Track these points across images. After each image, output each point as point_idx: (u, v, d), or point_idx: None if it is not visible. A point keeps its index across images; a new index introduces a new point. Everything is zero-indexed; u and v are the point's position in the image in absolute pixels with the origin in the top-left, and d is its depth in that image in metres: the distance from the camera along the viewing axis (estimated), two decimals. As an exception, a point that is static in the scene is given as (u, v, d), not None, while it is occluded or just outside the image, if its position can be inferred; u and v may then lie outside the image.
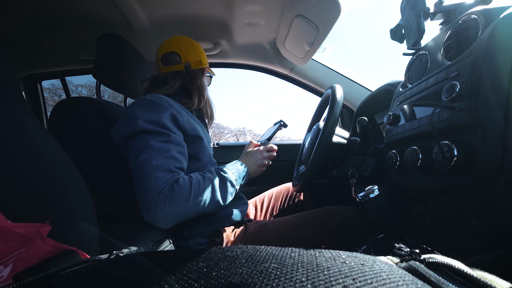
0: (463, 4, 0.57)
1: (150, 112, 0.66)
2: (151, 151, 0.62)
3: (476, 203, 0.42)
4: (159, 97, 0.71)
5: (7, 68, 0.34)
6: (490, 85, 0.40)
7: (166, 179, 0.61)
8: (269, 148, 0.84)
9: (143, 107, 0.67)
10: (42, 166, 0.33)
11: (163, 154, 0.63)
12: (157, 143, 0.63)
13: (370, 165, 0.76)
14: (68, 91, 1.61)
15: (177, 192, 0.60)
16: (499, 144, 0.38)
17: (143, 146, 0.63)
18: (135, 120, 0.65)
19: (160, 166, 0.61)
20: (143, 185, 0.61)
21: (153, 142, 0.63)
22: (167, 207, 0.59)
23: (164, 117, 0.67)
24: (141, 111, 0.66)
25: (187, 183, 0.62)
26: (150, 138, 0.64)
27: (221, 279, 0.14)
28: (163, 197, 0.59)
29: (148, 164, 0.61)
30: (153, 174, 0.60)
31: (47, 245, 0.22)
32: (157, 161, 0.61)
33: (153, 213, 0.58)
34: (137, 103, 0.70)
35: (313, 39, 1.04)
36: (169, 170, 0.62)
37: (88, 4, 0.96)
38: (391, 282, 0.13)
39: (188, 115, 0.76)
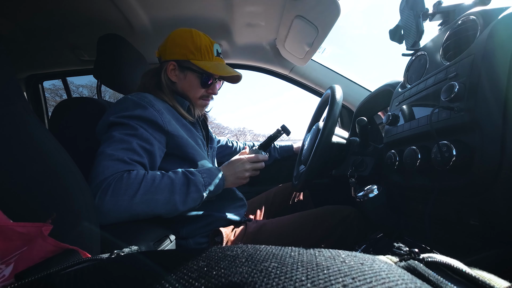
0: (461, 5, 0.57)
1: (125, 110, 0.63)
2: (111, 142, 0.58)
3: (474, 202, 0.43)
4: (141, 97, 0.67)
5: (8, 69, 0.34)
6: (489, 85, 0.40)
7: (115, 168, 0.55)
8: (254, 158, 0.76)
9: (121, 105, 0.65)
10: (43, 166, 0.33)
11: (122, 145, 0.58)
12: (120, 134, 0.59)
13: (369, 165, 0.76)
14: (69, 92, 1.61)
15: (124, 184, 0.53)
16: (497, 144, 0.38)
17: (107, 137, 0.60)
18: (108, 115, 0.63)
19: (114, 155, 0.56)
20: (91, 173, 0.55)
21: (116, 133, 0.60)
22: (108, 197, 0.52)
23: (139, 115, 0.63)
24: (118, 108, 0.64)
25: (139, 177, 0.56)
26: (115, 130, 0.61)
27: (222, 278, 0.14)
28: (106, 186, 0.52)
29: (103, 153, 0.56)
30: (102, 162, 0.55)
31: (49, 245, 0.22)
32: (112, 150, 0.57)
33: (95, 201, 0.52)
34: (118, 101, 0.67)
35: (313, 40, 1.04)
36: (122, 161, 0.57)
37: (89, 5, 0.96)
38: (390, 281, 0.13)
39: (171, 114, 0.71)
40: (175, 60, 0.75)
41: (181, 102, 0.77)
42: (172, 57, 0.75)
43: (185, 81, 0.77)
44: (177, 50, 0.74)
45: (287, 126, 0.88)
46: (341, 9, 0.87)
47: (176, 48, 0.74)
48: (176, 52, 0.74)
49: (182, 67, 0.75)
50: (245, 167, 0.75)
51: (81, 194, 0.37)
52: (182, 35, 0.75)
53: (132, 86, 0.91)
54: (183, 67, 0.75)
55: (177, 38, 0.75)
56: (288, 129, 0.88)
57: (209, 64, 0.75)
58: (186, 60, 0.74)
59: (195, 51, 0.74)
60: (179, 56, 0.74)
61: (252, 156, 0.77)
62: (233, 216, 0.79)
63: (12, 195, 0.29)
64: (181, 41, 0.74)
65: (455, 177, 0.44)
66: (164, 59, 0.76)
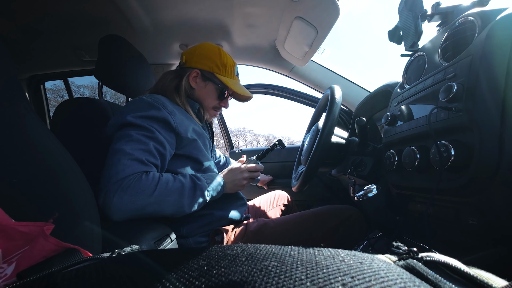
0: (460, 6, 0.58)
1: (140, 110, 0.66)
2: (129, 140, 0.61)
3: (473, 202, 0.43)
4: (154, 98, 0.70)
5: (10, 69, 0.34)
6: (487, 86, 0.40)
7: (134, 168, 0.58)
8: (252, 168, 0.81)
9: (135, 105, 0.68)
10: (45, 165, 0.33)
11: (140, 146, 0.61)
12: (137, 135, 0.62)
13: (369, 164, 0.76)
14: (70, 92, 1.62)
15: (142, 185, 0.57)
16: (495, 144, 0.38)
17: (123, 135, 0.62)
18: (125, 114, 0.65)
19: (133, 154, 0.59)
20: (109, 169, 0.58)
21: (133, 133, 0.62)
22: (127, 196, 0.55)
23: (153, 116, 0.66)
24: (132, 108, 0.67)
25: (155, 179, 0.60)
26: (133, 130, 0.63)
27: (222, 277, 0.15)
28: (126, 184, 0.55)
29: (121, 151, 0.59)
30: (122, 160, 0.58)
31: (50, 244, 0.22)
32: (131, 150, 0.59)
33: (110, 199, 0.54)
34: (132, 101, 0.71)
35: (312, 41, 1.04)
36: (140, 161, 0.60)
37: (90, 7, 0.96)
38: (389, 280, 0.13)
39: (183, 116, 0.74)
40: (200, 69, 0.81)
41: (192, 105, 0.81)
42: (197, 65, 0.81)
43: (204, 90, 0.83)
44: (204, 61, 0.80)
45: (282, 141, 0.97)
46: (340, 10, 0.88)
47: (203, 59, 0.80)
48: (203, 62, 0.80)
49: (205, 77, 0.81)
50: (244, 176, 0.79)
51: (83, 193, 0.37)
52: (211, 49, 0.82)
53: (133, 87, 0.91)
54: (206, 77, 0.82)
55: (206, 50, 0.82)
56: (283, 143, 0.96)
57: (230, 81, 0.83)
58: (211, 72, 0.81)
59: (221, 67, 0.81)
60: (205, 66, 0.80)
61: (251, 166, 0.81)
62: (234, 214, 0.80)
63: (14, 195, 0.29)
64: (210, 54, 0.81)
65: (454, 176, 0.44)
66: (189, 65, 0.81)
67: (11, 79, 0.34)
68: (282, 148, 0.97)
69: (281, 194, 1.16)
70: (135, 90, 0.94)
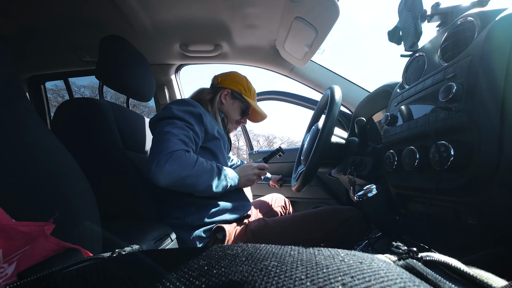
0: (459, 7, 0.58)
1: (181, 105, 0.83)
2: (175, 127, 0.76)
3: (472, 202, 0.43)
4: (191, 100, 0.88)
5: (11, 69, 0.34)
6: (486, 86, 0.40)
7: (180, 146, 0.73)
8: (262, 166, 0.96)
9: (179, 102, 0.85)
10: (45, 165, 0.33)
11: (183, 132, 0.77)
12: (181, 123, 0.78)
13: (368, 164, 0.76)
14: (71, 92, 1.62)
15: (186, 158, 0.71)
16: (495, 144, 0.38)
17: (170, 122, 0.78)
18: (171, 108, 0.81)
19: (179, 136, 0.75)
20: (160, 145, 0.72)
21: (178, 122, 0.78)
22: (176, 165, 0.69)
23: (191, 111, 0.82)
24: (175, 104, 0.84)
25: (194, 157, 0.74)
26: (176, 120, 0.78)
27: (222, 277, 0.15)
28: (175, 156, 0.70)
29: (170, 133, 0.74)
30: (172, 139, 0.73)
31: (51, 244, 0.23)
32: (177, 133, 0.75)
33: (162, 166, 0.67)
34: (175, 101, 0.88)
35: (312, 41, 1.04)
36: (184, 142, 0.75)
37: (91, 7, 0.97)
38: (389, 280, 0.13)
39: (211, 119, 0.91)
40: (231, 89, 1.01)
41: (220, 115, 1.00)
42: (229, 86, 1.01)
43: (232, 106, 1.02)
44: (235, 83, 1.02)
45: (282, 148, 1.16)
46: (340, 11, 0.88)
47: (234, 82, 1.02)
48: (234, 84, 1.02)
49: (234, 96, 1.02)
50: (255, 172, 0.93)
51: (83, 193, 0.37)
52: (240, 76, 1.05)
53: (133, 87, 0.92)
54: (235, 96, 1.02)
55: (237, 76, 1.04)
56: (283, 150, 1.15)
57: (253, 102, 1.04)
58: (239, 92, 1.02)
59: (247, 90, 1.04)
60: (235, 87, 1.01)
61: (261, 164, 0.96)
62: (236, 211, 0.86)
63: (14, 195, 0.29)
64: (239, 80, 1.03)
65: (453, 176, 0.44)
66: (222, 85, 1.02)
67: (12, 79, 0.34)
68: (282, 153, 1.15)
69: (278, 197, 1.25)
70: (136, 90, 0.94)
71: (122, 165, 0.77)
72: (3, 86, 0.32)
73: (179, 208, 0.80)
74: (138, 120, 1.00)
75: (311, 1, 0.88)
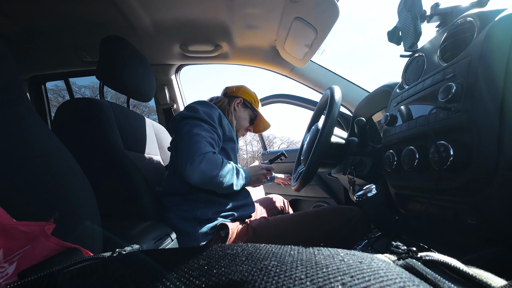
0: (459, 7, 0.58)
1: (206, 107, 0.90)
2: (202, 129, 0.84)
3: (471, 202, 0.43)
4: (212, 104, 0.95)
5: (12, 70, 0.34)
6: (486, 86, 0.40)
7: (209, 148, 0.80)
8: (269, 167, 1.04)
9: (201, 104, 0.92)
10: (46, 165, 0.33)
11: (209, 134, 0.84)
12: (207, 126, 0.86)
13: (368, 164, 0.76)
14: (71, 92, 1.62)
15: (216, 159, 0.79)
16: (494, 144, 0.39)
17: (197, 124, 0.84)
18: (196, 110, 0.88)
19: (208, 138, 0.82)
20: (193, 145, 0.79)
21: (204, 124, 0.85)
22: (209, 165, 0.76)
23: (214, 114, 0.90)
24: (199, 105, 0.91)
25: (220, 158, 0.82)
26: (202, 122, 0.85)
27: (222, 277, 0.15)
28: (207, 157, 0.77)
29: (200, 135, 0.81)
30: (203, 141, 0.80)
31: (51, 243, 0.23)
32: (206, 135, 0.83)
33: (196, 166, 0.75)
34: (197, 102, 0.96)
35: (312, 41, 1.04)
36: (212, 145, 0.83)
37: (91, 8, 0.97)
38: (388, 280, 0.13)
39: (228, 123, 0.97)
40: (243, 98, 1.10)
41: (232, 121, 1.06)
42: (242, 96, 1.10)
43: (243, 114, 1.11)
44: (247, 95, 1.11)
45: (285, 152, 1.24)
46: (340, 11, 0.88)
47: (246, 94, 1.11)
48: (246, 96, 1.11)
49: (245, 105, 1.11)
50: (263, 172, 1.01)
51: (83, 193, 0.37)
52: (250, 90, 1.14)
53: (134, 87, 0.92)
54: (246, 105, 1.11)
55: (247, 89, 1.13)
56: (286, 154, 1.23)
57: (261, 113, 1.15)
58: (250, 102, 1.11)
59: (256, 102, 1.13)
60: (247, 97, 1.11)
61: (269, 166, 1.05)
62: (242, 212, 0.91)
63: (15, 194, 0.29)
64: (250, 92, 1.12)
65: (453, 176, 0.44)
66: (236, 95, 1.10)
67: (13, 80, 0.34)
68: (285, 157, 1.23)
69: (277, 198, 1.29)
70: (136, 90, 0.94)
71: (123, 165, 0.77)
72: (4, 86, 0.32)
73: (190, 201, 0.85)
74: (138, 120, 1.00)
75: (311, 1, 0.88)
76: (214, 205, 0.86)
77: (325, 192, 1.45)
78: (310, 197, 1.57)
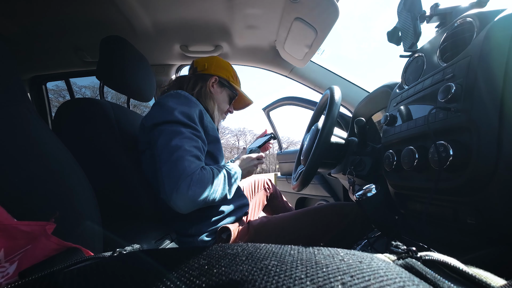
0: (458, 7, 0.58)
1: (183, 105, 0.72)
2: (184, 138, 0.67)
3: (471, 201, 0.43)
4: (190, 96, 0.78)
5: (13, 70, 0.34)
6: (485, 86, 0.40)
7: (196, 164, 0.65)
8: (260, 156, 0.94)
9: (176, 100, 0.74)
10: (47, 165, 0.33)
11: (193, 143, 0.68)
12: (188, 133, 0.69)
13: (368, 164, 0.76)
14: (72, 92, 1.63)
15: (205, 178, 0.65)
16: (493, 144, 0.39)
17: (176, 131, 0.68)
18: (171, 110, 0.70)
19: (192, 151, 0.66)
20: (175, 165, 0.63)
21: (184, 131, 0.68)
22: (198, 188, 0.63)
23: (194, 112, 0.73)
24: (175, 103, 0.72)
25: (209, 172, 0.68)
26: (182, 127, 0.69)
27: (222, 276, 0.15)
28: (195, 179, 0.63)
29: (182, 148, 0.65)
30: (186, 157, 0.64)
31: (52, 243, 0.23)
32: (189, 147, 0.66)
33: (184, 192, 0.61)
34: (171, 95, 0.76)
35: (312, 42, 1.05)
36: (197, 158, 0.67)
37: (92, 8, 0.97)
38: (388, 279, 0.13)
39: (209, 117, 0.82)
40: (219, 76, 0.91)
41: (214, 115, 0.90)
42: (216, 73, 0.91)
43: (221, 95, 0.93)
44: (222, 70, 0.91)
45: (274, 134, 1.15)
46: (339, 11, 0.88)
47: (221, 69, 0.92)
48: (221, 71, 0.91)
49: (222, 84, 0.92)
50: (254, 162, 0.91)
51: (84, 193, 0.37)
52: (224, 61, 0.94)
53: (134, 87, 0.92)
54: (223, 84, 0.92)
55: (221, 62, 0.93)
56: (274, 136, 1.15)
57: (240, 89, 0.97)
58: (227, 80, 0.92)
59: (234, 77, 0.95)
60: (223, 74, 0.91)
61: (260, 154, 0.94)
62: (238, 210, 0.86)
63: (16, 194, 0.30)
64: (225, 65, 0.93)
65: (452, 176, 0.44)
66: (208, 72, 0.90)
67: (14, 80, 0.34)
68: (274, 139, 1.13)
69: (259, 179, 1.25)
70: (136, 91, 0.94)
71: (123, 165, 0.77)
72: (6, 87, 0.32)
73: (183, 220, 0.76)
74: (138, 120, 1.00)
75: (310, 2, 0.88)
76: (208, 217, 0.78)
77: (327, 191, 1.46)
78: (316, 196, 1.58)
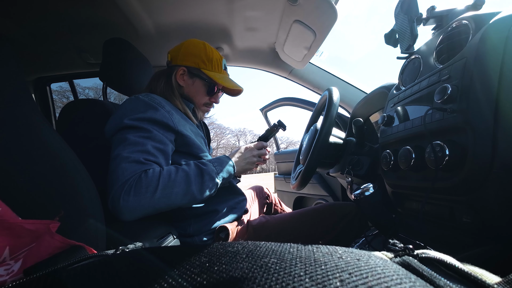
0: (454, 10, 0.59)
1: (138, 112, 0.64)
2: (126, 144, 0.60)
3: (467, 200, 0.44)
4: (152, 98, 0.68)
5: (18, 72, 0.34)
6: (480, 87, 0.41)
7: (133, 169, 0.58)
8: (259, 145, 0.81)
9: (132, 106, 0.66)
10: (51, 165, 0.34)
11: (137, 147, 0.61)
12: (134, 137, 0.61)
13: (365, 164, 0.77)
14: (75, 93, 1.63)
15: (143, 183, 0.57)
16: (489, 144, 0.39)
17: (120, 139, 0.62)
18: (122, 117, 0.64)
19: (130, 157, 0.59)
20: (110, 176, 0.58)
21: (130, 136, 0.61)
22: (132, 197, 0.55)
23: (151, 118, 0.65)
24: (129, 110, 0.65)
25: (156, 175, 0.59)
26: (130, 133, 0.62)
27: (223, 274, 0.15)
28: (128, 188, 0.56)
29: (119, 156, 0.59)
30: (120, 165, 0.58)
31: (56, 241, 0.23)
32: (128, 153, 0.59)
33: (117, 203, 0.55)
34: (128, 100, 0.68)
35: (311, 44, 1.05)
36: (138, 162, 0.59)
37: (95, 10, 0.97)
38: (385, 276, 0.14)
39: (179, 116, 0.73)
40: (186, 66, 0.79)
41: (187, 105, 0.81)
42: (183, 63, 0.79)
43: (192, 87, 0.81)
44: (189, 58, 0.79)
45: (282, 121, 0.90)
46: (338, 14, 0.89)
47: (189, 56, 0.79)
48: (189, 59, 0.79)
49: (191, 74, 0.80)
50: (253, 153, 0.79)
51: (87, 192, 0.38)
52: (196, 45, 0.80)
53: (136, 88, 0.92)
54: (192, 74, 0.80)
55: (191, 47, 0.80)
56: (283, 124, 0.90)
57: (218, 76, 0.81)
58: (197, 68, 0.79)
59: (207, 62, 0.79)
60: (190, 63, 0.79)
61: (258, 143, 0.82)
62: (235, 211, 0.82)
63: (20, 193, 0.30)
64: (194, 51, 0.79)
65: (448, 176, 0.44)
66: (174, 63, 0.80)
67: (19, 81, 0.34)
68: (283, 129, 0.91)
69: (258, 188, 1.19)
70: (139, 92, 0.94)
71: None
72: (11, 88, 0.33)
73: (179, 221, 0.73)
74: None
75: (309, 4, 0.89)
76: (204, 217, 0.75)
77: (325, 191, 1.46)
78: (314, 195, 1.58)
